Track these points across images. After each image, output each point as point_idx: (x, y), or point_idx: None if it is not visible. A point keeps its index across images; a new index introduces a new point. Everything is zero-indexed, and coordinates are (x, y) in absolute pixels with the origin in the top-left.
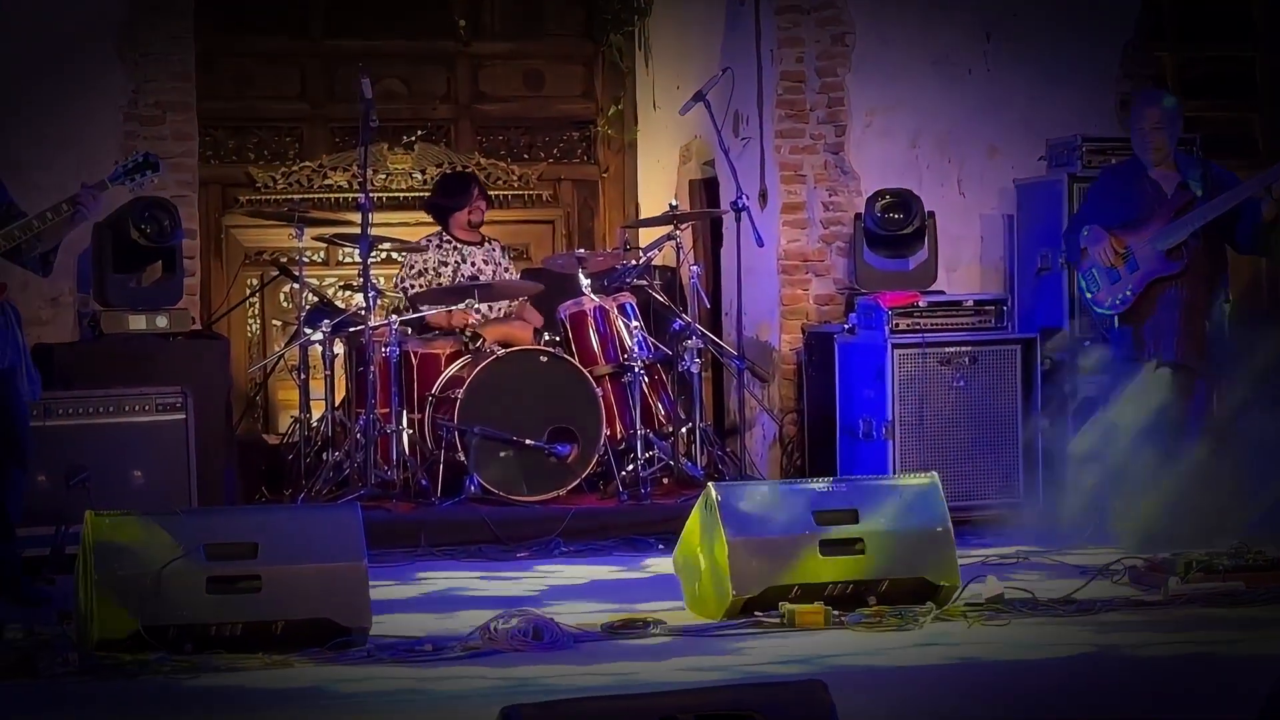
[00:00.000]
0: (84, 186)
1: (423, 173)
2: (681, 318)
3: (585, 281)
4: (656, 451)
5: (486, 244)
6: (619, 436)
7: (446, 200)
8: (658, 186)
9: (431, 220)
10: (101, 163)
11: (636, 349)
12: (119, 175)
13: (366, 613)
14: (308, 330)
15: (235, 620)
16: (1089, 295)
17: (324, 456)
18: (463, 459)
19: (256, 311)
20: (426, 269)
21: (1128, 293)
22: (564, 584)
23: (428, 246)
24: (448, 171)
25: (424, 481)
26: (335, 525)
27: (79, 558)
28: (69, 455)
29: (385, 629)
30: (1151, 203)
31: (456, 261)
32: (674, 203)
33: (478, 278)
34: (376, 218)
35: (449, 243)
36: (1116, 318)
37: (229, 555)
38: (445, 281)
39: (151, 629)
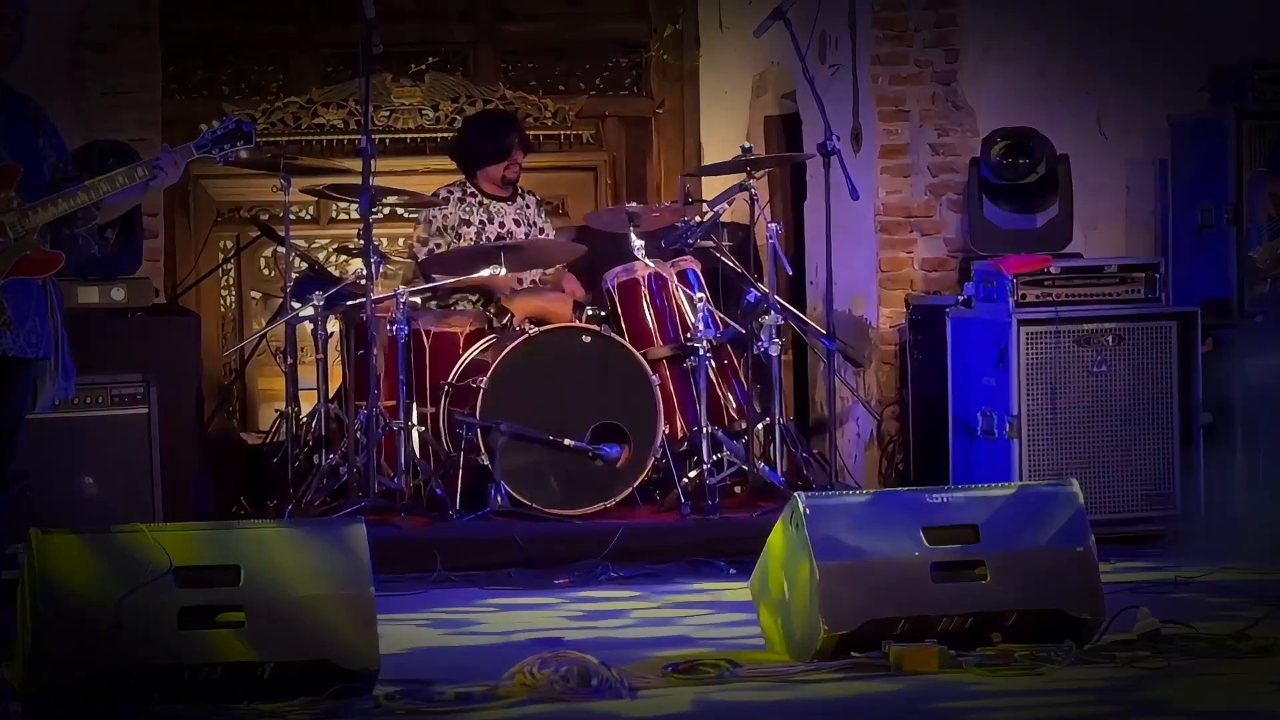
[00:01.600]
0: (165, 150)
1: (435, 109)
2: (757, 288)
3: (637, 243)
4: (726, 453)
5: (520, 198)
6: (680, 435)
7: (479, 149)
8: (725, 125)
9: (453, 167)
10: (41, 100)
11: (701, 326)
12: (206, 143)
13: (374, 653)
14: (295, 304)
15: (213, 662)
16: (1250, 254)
17: (316, 460)
18: (487, 463)
19: (232, 281)
20: (448, 226)
21: (1274, 257)
22: (613, 618)
23: (448, 199)
24: (482, 110)
25: (439, 491)
26: (334, 545)
27: (20, 585)
28: None
29: (396, 672)
30: None
31: (482, 220)
32: (746, 145)
33: (506, 240)
34: (379, 165)
35: (473, 196)
36: (1269, 282)
37: (205, 581)
38: (467, 244)
39: (111, 673)
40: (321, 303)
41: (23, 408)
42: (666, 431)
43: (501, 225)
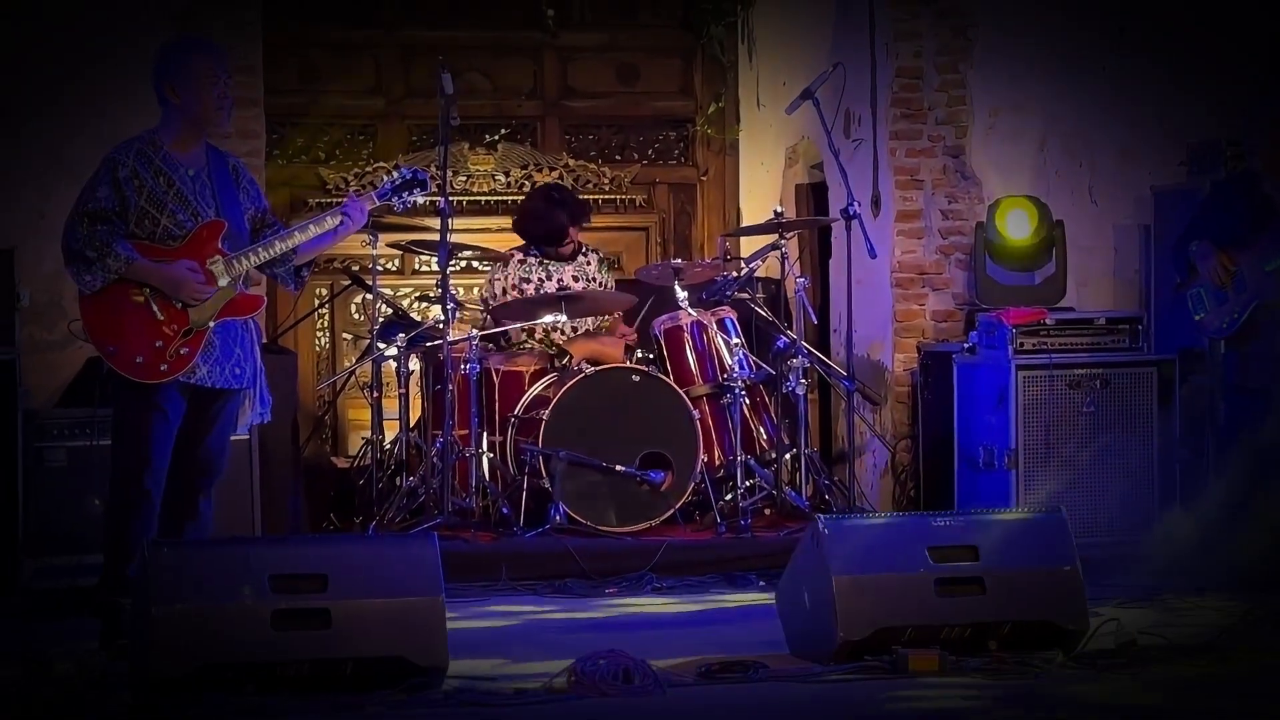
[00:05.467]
0: (350, 199)
1: (506, 174)
2: (786, 334)
3: (682, 294)
4: (758, 480)
5: (581, 255)
6: (717, 463)
7: (535, 234)
8: (761, 191)
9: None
10: None
11: (737, 368)
12: (386, 192)
13: (443, 652)
14: (381, 345)
15: (302, 659)
16: (1196, 318)
17: (397, 482)
18: (547, 486)
19: (326, 324)
20: (509, 287)
21: (1235, 315)
22: (656, 623)
23: (510, 259)
24: (529, 196)
25: (505, 510)
26: (410, 557)
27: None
28: None
29: (463, 669)
30: (1266, 217)
31: (540, 278)
32: (779, 209)
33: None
34: (456, 223)
35: (534, 256)
36: (1224, 343)
37: (296, 588)
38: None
39: (211, 668)
40: (404, 344)
41: (228, 431)
42: (705, 460)
43: (559, 282)
